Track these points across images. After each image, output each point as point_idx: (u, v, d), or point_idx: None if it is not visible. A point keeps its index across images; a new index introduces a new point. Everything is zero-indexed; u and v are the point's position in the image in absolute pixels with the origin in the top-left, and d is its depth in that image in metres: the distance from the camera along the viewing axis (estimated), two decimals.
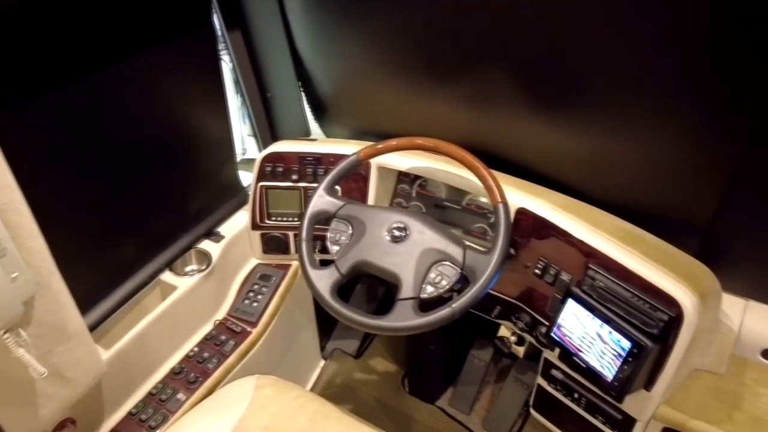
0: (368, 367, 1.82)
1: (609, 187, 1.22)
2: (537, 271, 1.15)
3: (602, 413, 1.14)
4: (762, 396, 1.10)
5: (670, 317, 0.95)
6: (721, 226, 1.12)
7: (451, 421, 1.66)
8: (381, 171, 1.34)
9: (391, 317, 1.01)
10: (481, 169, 1.09)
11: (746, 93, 0.92)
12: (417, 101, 1.33)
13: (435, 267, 1.05)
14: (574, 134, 1.18)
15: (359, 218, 1.13)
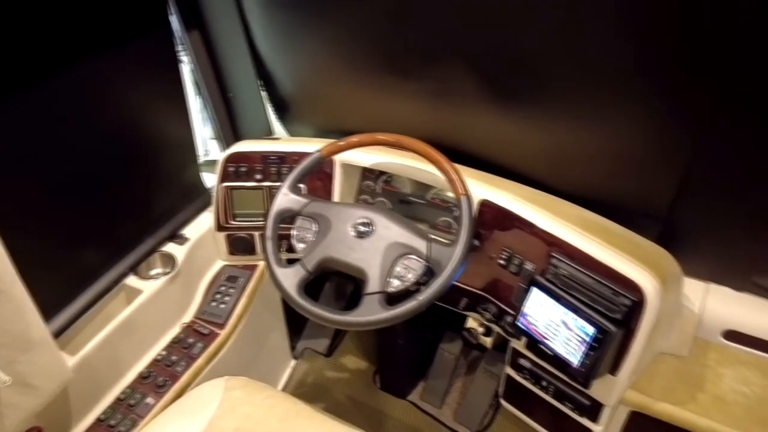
0: (339, 365, 1.82)
1: (570, 177, 1.24)
2: (501, 261, 1.16)
3: (570, 400, 1.16)
4: (724, 376, 1.14)
5: (632, 302, 0.97)
6: (679, 212, 1.15)
7: (423, 415, 1.67)
8: (345, 168, 1.34)
9: (358, 312, 1.01)
10: (444, 163, 1.10)
11: (700, 82, 0.95)
12: (379, 98, 1.33)
13: (400, 261, 1.05)
14: (534, 127, 1.20)
15: (324, 215, 1.13)
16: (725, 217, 1.11)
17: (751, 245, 1.12)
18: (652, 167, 1.13)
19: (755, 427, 1.04)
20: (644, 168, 1.14)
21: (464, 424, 1.63)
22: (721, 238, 1.15)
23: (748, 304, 1.17)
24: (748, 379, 1.13)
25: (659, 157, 1.10)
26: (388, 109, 1.33)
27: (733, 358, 1.17)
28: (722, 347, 1.19)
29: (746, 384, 1.12)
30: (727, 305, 1.18)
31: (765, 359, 1.16)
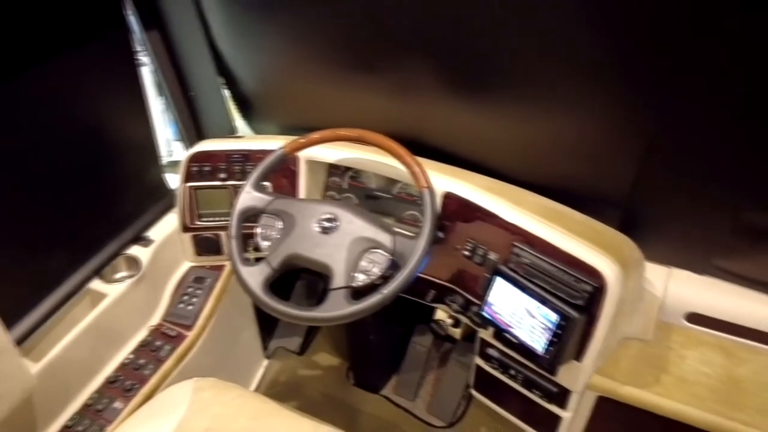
0: (312, 362, 1.81)
1: (532, 168, 1.25)
2: (466, 252, 1.17)
3: (538, 387, 1.18)
4: (686, 357, 1.16)
5: (593, 288, 0.98)
6: (638, 199, 1.17)
7: (396, 409, 1.67)
8: (310, 165, 1.34)
9: (324, 308, 1.01)
10: (406, 157, 1.10)
11: (653, 71, 0.96)
12: (343, 93, 1.33)
13: (365, 255, 1.05)
14: (495, 119, 1.21)
15: (289, 212, 1.12)
16: (683, 202, 1.13)
17: (709, 229, 1.14)
18: (610, 155, 1.14)
19: (717, 405, 1.07)
20: (603, 156, 1.15)
21: (437, 416, 1.64)
22: (680, 222, 1.17)
23: (709, 287, 1.19)
24: (710, 360, 1.15)
25: (617, 145, 1.12)
26: (352, 104, 1.33)
27: (695, 339, 1.19)
28: (685, 329, 1.21)
29: (708, 365, 1.14)
30: (689, 288, 1.20)
31: (726, 340, 1.18)
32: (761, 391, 1.09)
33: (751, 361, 1.15)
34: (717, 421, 1.05)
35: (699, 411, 1.06)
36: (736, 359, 1.15)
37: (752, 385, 1.10)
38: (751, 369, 1.13)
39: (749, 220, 1.06)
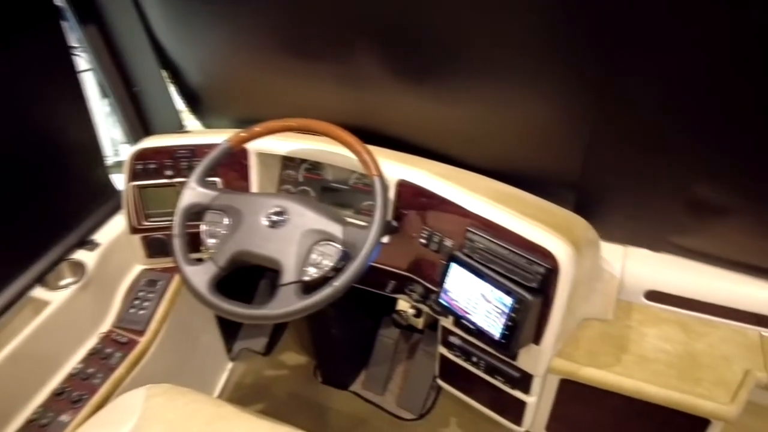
0: (279, 363, 1.78)
1: (484, 152, 1.23)
2: (423, 240, 1.15)
3: (501, 373, 1.16)
4: (647, 335, 1.16)
5: (546, 269, 0.97)
6: (590, 179, 1.16)
7: (366, 404, 1.65)
8: (261, 158, 1.30)
9: (273, 304, 0.97)
10: (355, 144, 1.07)
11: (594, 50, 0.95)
12: (291, 83, 1.29)
13: (316, 248, 1.02)
14: (445, 105, 1.18)
15: (235, 207, 1.08)
16: (634, 181, 1.13)
17: (662, 206, 1.14)
18: (559, 137, 1.13)
19: (676, 381, 1.07)
20: (552, 139, 1.14)
21: (407, 409, 1.62)
22: (633, 201, 1.17)
23: (666, 264, 1.19)
24: (669, 337, 1.15)
25: (564, 127, 1.10)
26: (302, 94, 1.30)
27: (654, 317, 1.19)
28: (644, 307, 1.21)
29: (667, 341, 1.15)
30: (647, 266, 1.20)
31: (684, 316, 1.19)
32: (717, 364, 1.10)
33: (708, 335, 1.15)
34: (676, 397, 1.05)
35: (659, 388, 1.06)
36: (694, 334, 1.15)
37: (709, 359, 1.11)
38: (707, 343, 1.14)
39: (700, 196, 1.06)
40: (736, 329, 1.15)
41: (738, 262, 1.14)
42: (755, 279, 1.13)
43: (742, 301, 1.13)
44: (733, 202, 1.04)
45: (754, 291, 1.13)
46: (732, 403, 1.02)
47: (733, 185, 1.02)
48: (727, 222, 1.07)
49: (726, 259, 1.14)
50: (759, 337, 1.13)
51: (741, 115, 0.91)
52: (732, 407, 1.02)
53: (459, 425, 1.58)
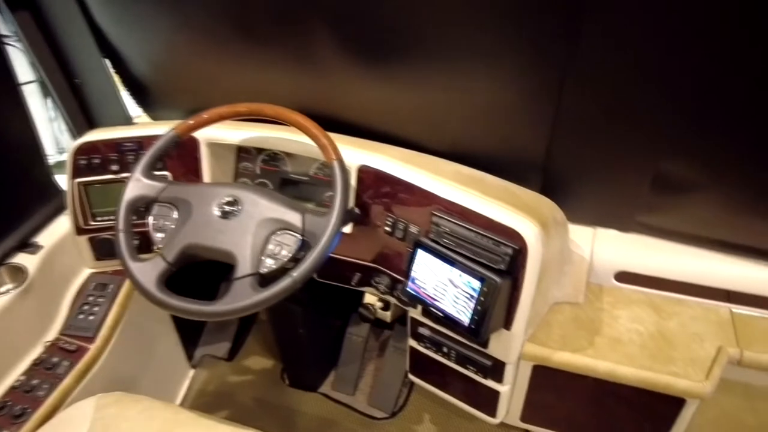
0: (243, 368, 1.70)
1: (446, 136, 1.19)
2: (387, 228, 1.10)
3: (472, 362, 1.12)
4: (619, 318, 1.13)
5: (513, 250, 0.93)
6: (555, 161, 1.13)
7: (336, 405, 1.59)
8: (213, 149, 1.23)
9: (228, 299, 0.91)
10: (312, 129, 1.02)
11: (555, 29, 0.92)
12: (242, 70, 1.23)
13: (273, 238, 0.97)
14: (404, 88, 1.14)
15: (184, 199, 1.02)
16: (600, 161, 1.10)
17: (629, 185, 1.11)
18: (523, 118, 1.10)
19: (649, 361, 1.05)
20: (516, 119, 1.11)
21: (379, 408, 1.57)
22: (600, 181, 1.14)
23: (635, 244, 1.18)
24: (640, 318, 1.13)
25: (528, 107, 1.07)
26: (253, 81, 1.23)
27: (626, 298, 1.17)
28: (615, 289, 1.19)
29: (639, 322, 1.12)
30: (616, 247, 1.18)
31: (655, 296, 1.17)
32: (689, 342, 1.08)
33: (680, 314, 1.13)
34: (650, 377, 1.03)
35: (633, 369, 1.04)
36: (665, 314, 1.14)
37: (681, 338, 1.09)
38: (679, 322, 1.12)
39: (667, 173, 1.04)
40: (707, 307, 1.14)
41: (707, 239, 1.12)
42: (724, 255, 1.12)
43: (711, 278, 1.12)
44: (700, 177, 1.03)
45: (723, 267, 1.11)
46: (706, 380, 1.00)
47: (699, 161, 1.01)
48: (695, 198, 1.06)
49: (695, 235, 1.13)
50: (729, 314, 1.12)
51: (705, 92, 0.90)
52: (706, 384, 1.00)
53: (432, 421, 1.53)
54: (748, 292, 1.10)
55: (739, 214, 1.05)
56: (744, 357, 1.04)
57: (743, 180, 1.00)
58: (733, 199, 1.04)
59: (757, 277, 1.09)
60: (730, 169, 1.00)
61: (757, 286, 1.10)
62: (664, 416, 1.09)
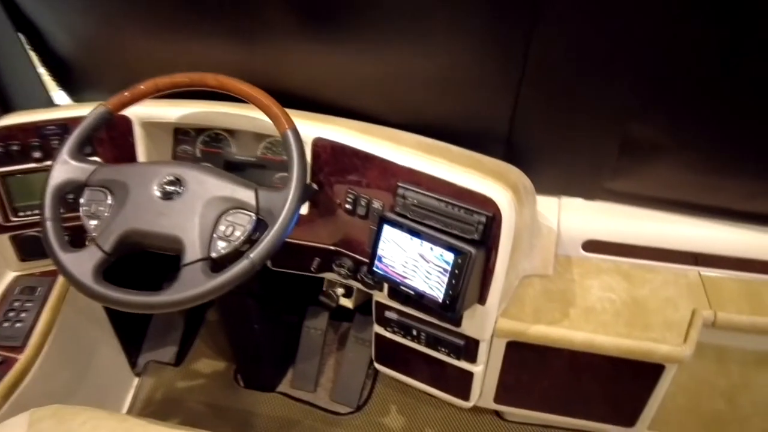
0: (193, 372, 1.58)
1: (405, 107, 1.13)
2: (347, 206, 1.02)
3: (444, 344, 1.07)
4: (590, 288, 1.11)
5: (487, 217, 0.88)
6: (520, 130, 1.09)
7: (296, 403, 1.50)
8: (149, 129, 1.11)
9: (177, 287, 0.81)
10: (261, 98, 0.93)
11: None
12: (182, 43, 1.12)
13: (224, 218, 0.87)
14: (359, 58, 1.07)
15: (119, 181, 0.91)
16: (567, 127, 1.07)
17: (595, 152, 1.09)
18: (486, 86, 1.05)
19: (626, 329, 1.02)
20: (479, 87, 1.06)
21: (343, 402, 1.49)
22: (566, 148, 1.11)
23: (601, 212, 1.15)
24: (612, 286, 1.11)
25: (492, 74, 1.03)
26: (190, 52, 1.13)
27: (595, 268, 1.14)
28: (583, 260, 1.16)
29: (611, 291, 1.10)
30: (582, 216, 1.15)
31: (624, 263, 1.15)
32: (663, 307, 1.06)
33: (650, 280, 1.12)
34: (629, 344, 1.00)
35: (611, 338, 1.01)
36: (636, 281, 1.12)
37: (655, 303, 1.07)
38: (650, 288, 1.10)
39: (632, 136, 1.02)
40: (676, 271, 1.12)
41: (673, 201, 1.11)
42: (690, 218, 1.11)
43: (679, 242, 1.11)
44: (666, 139, 1.01)
45: (689, 230, 1.10)
46: (685, 343, 0.98)
47: (665, 123, 0.99)
48: (662, 160, 1.04)
49: (661, 199, 1.11)
50: (699, 277, 1.11)
51: (669, 55, 0.88)
52: (685, 348, 0.98)
53: (399, 412, 1.46)
54: (715, 253, 1.09)
55: (705, 173, 1.04)
56: (718, 318, 1.03)
57: (709, 140, 0.99)
58: (699, 159, 1.02)
59: (724, 238, 1.09)
60: (695, 129, 0.98)
61: (723, 247, 1.09)
62: (642, 385, 1.06)
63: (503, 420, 1.41)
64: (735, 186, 1.04)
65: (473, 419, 1.43)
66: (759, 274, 1.09)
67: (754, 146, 0.97)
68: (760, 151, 0.98)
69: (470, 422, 1.43)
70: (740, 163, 1.01)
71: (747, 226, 1.08)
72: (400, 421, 1.45)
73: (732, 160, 1.01)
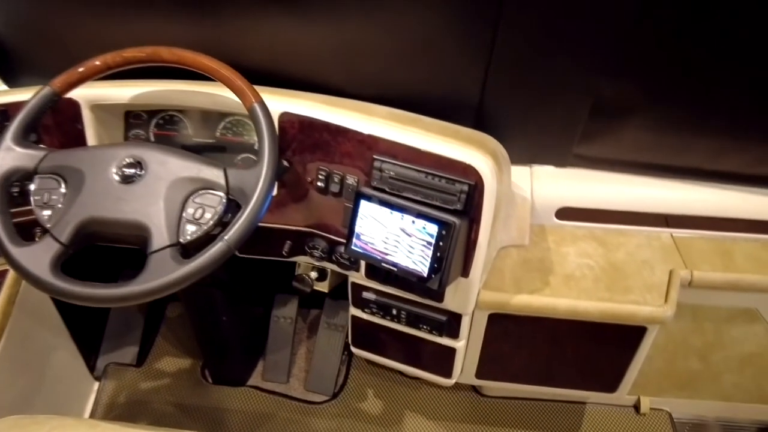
0: (157, 371, 1.50)
1: (372, 78, 1.08)
2: (320, 184, 0.97)
3: (426, 321, 1.04)
4: (567, 255, 1.10)
5: (470, 186, 0.85)
6: (491, 97, 1.07)
7: (269, 396, 1.45)
8: (98, 113, 1.03)
9: (146, 276, 0.75)
10: (223, 71, 0.87)
11: None
12: (129, 18, 1.03)
13: (191, 200, 0.81)
14: (320, 28, 1.01)
15: (73, 167, 0.83)
16: (537, 93, 1.05)
17: (565, 116, 1.07)
18: (457, 51, 1.01)
19: (607, 293, 1.02)
20: (450, 53, 1.02)
21: (318, 391, 1.45)
22: (537, 115, 1.09)
23: (573, 179, 1.15)
24: (588, 252, 1.11)
25: (463, 38, 0.99)
26: (143, 31, 1.04)
27: (570, 235, 1.14)
28: (558, 228, 1.15)
29: (588, 257, 1.10)
30: (555, 184, 1.14)
31: (598, 229, 1.15)
32: (640, 270, 1.07)
33: (625, 244, 1.12)
34: (612, 308, 1.00)
35: (593, 303, 1.01)
36: (611, 245, 1.12)
37: (632, 266, 1.08)
38: (626, 251, 1.11)
39: (604, 98, 1.01)
40: (649, 234, 1.13)
41: (643, 164, 1.11)
42: (660, 180, 1.12)
43: (650, 204, 1.11)
44: (637, 100, 1.00)
45: (660, 192, 1.11)
46: (666, 304, 0.99)
47: (636, 83, 0.98)
48: (633, 121, 1.04)
49: (631, 162, 1.11)
50: (671, 238, 1.12)
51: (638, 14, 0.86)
52: (667, 308, 0.99)
53: (377, 396, 1.44)
54: (686, 214, 1.11)
55: (673, 134, 1.05)
56: (694, 277, 1.04)
57: (676, 99, 0.99)
58: (668, 119, 1.03)
59: (693, 198, 1.10)
60: (663, 89, 0.98)
61: (693, 207, 1.10)
62: (624, 349, 1.07)
63: (483, 396, 1.41)
64: (703, 145, 1.05)
65: (452, 397, 1.42)
66: (728, 232, 1.11)
67: (720, 104, 0.98)
68: (726, 109, 0.99)
69: (450, 400, 1.42)
70: (707, 122, 1.02)
71: (715, 185, 1.10)
72: (379, 405, 1.42)
73: (699, 119, 1.01)
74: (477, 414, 1.40)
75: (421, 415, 1.40)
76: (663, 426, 1.35)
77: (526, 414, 1.39)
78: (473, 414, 1.40)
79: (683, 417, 1.38)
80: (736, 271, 1.05)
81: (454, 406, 1.41)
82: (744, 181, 1.09)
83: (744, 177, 1.09)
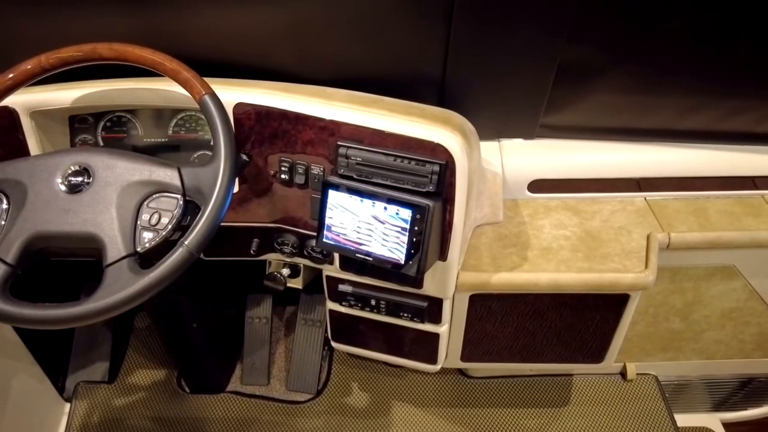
0: (130, 386, 1.44)
1: (326, 60, 1.03)
2: (283, 176, 0.93)
3: (406, 309, 1.01)
4: (542, 227, 1.08)
5: (441, 166, 0.82)
6: (453, 72, 1.03)
7: (250, 400, 1.40)
8: (39, 119, 0.95)
9: (102, 292, 0.69)
10: (167, 63, 0.81)
11: None
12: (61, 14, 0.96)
13: (146, 205, 0.76)
14: (263, 6, 0.95)
15: (12, 179, 0.77)
16: (502, 63, 1.01)
17: (531, 86, 1.05)
18: (412, 24, 0.97)
19: (586, 263, 1.01)
20: (404, 27, 0.98)
21: (300, 390, 1.41)
22: (502, 87, 1.06)
23: (542, 150, 1.13)
24: (563, 223, 1.09)
25: (417, 10, 0.95)
26: (72, 25, 0.97)
27: (543, 207, 1.12)
28: (530, 201, 1.13)
29: (563, 227, 1.08)
30: (524, 157, 1.12)
31: (571, 199, 1.13)
32: (617, 236, 1.06)
33: (599, 211, 1.11)
34: (594, 278, 0.98)
35: (574, 274, 0.99)
36: (586, 214, 1.10)
37: (608, 233, 1.06)
38: (601, 219, 1.09)
39: (567, 63, 0.98)
40: (623, 199, 1.12)
41: (611, 129, 1.09)
42: (629, 144, 1.11)
43: (621, 169, 1.10)
44: (601, 61, 0.98)
45: (630, 156, 1.10)
46: (647, 269, 0.98)
47: (600, 44, 0.96)
48: (599, 84, 1.02)
49: (599, 128, 1.10)
50: (645, 202, 1.11)
51: None
52: (648, 273, 0.97)
53: (362, 388, 1.40)
54: (657, 176, 1.10)
55: (639, 94, 1.03)
56: (672, 239, 1.03)
57: (641, 58, 0.98)
58: (633, 79, 1.01)
59: (664, 160, 1.09)
60: (627, 48, 0.96)
61: (664, 169, 1.09)
62: (608, 317, 1.06)
63: (469, 377, 1.39)
64: (669, 104, 1.04)
65: (439, 382, 1.40)
66: (701, 191, 1.10)
67: (683, 61, 0.97)
68: (689, 65, 0.97)
69: (436, 385, 1.39)
70: (671, 80, 1.00)
71: (684, 145, 1.09)
72: (364, 397, 1.39)
73: (663, 77, 1.00)
74: (465, 396, 1.38)
75: (408, 403, 1.37)
76: (650, 390, 1.36)
77: (515, 392, 1.38)
78: (461, 397, 1.38)
79: (668, 378, 1.39)
80: (711, 229, 1.05)
81: (441, 390, 1.39)
82: (712, 138, 1.09)
83: (712, 134, 1.08)
